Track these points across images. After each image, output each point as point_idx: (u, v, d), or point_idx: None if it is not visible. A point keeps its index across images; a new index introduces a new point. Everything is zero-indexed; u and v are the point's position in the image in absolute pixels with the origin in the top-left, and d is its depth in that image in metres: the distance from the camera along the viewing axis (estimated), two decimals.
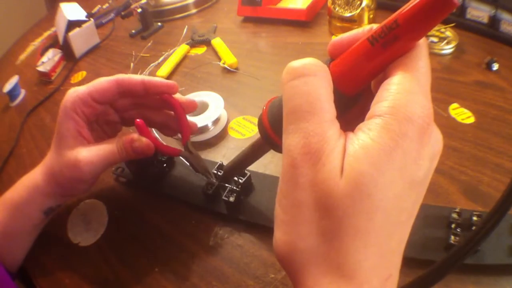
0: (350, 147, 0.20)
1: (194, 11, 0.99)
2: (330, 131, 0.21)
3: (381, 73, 0.23)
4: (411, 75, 0.21)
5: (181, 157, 0.45)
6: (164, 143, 0.44)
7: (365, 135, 0.20)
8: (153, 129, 0.53)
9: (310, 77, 0.22)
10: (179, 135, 0.47)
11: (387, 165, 0.19)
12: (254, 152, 0.37)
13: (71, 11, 0.92)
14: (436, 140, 0.21)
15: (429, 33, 0.67)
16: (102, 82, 0.43)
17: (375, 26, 0.23)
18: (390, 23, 0.22)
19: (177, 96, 0.45)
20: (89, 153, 0.41)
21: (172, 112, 0.46)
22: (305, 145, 0.21)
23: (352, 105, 0.26)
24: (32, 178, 0.44)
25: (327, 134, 0.21)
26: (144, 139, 0.42)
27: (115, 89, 0.43)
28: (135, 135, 0.42)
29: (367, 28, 0.24)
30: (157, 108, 0.47)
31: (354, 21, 0.71)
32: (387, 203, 0.20)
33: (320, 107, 0.21)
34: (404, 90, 0.21)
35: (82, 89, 0.43)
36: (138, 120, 0.42)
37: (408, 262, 0.36)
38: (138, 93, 0.44)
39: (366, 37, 0.23)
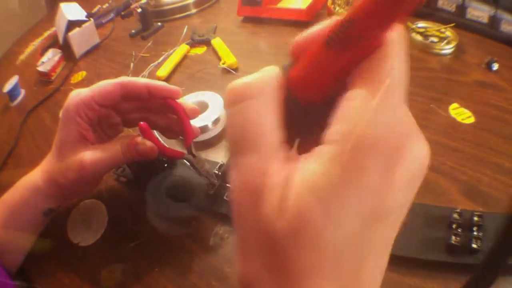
0: (296, 180, 0.18)
1: (194, 11, 0.99)
2: (272, 164, 0.18)
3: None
4: (375, 85, 0.18)
5: (184, 160, 0.45)
6: (167, 146, 0.44)
7: (314, 166, 0.17)
8: (155, 131, 0.53)
9: (248, 102, 0.19)
10: (181, 137, 0.47)
11: (338, 203, 0.17)
12: None
13: (71, 11, 0.92)
14: (414, 160, 0.18)
15: (429, 33, 0.67)
16: (105, 85, 0.43)
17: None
18: (345, 20, 0.18)
19: (181, 101, 0.45)
20: (94, 155, 0.41)
21: (175, 116, 0.46)
22: (244, 182, 0.19)
23: (322, 115, 0.20)
24: (32, 180, 0.44)
25: (268, 168, 0.18)
26: (148, 142, 0.42)
27: (119, 92, 0.43)
28: (139, 138, 0.42)
29: (332, 21, 0.20)
30: (160, 111, 0.46)
31: None
32: (341, 242, 0.17)
33: (261, 138, 0.19)
34: (363, 109, 0.17)
35: (85, 93, 0.42)
36: (142, 123, 0.42)
37: (409, 262, 0.36)
38: (142, 96, 0.44)
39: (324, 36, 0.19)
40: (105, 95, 0.43)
